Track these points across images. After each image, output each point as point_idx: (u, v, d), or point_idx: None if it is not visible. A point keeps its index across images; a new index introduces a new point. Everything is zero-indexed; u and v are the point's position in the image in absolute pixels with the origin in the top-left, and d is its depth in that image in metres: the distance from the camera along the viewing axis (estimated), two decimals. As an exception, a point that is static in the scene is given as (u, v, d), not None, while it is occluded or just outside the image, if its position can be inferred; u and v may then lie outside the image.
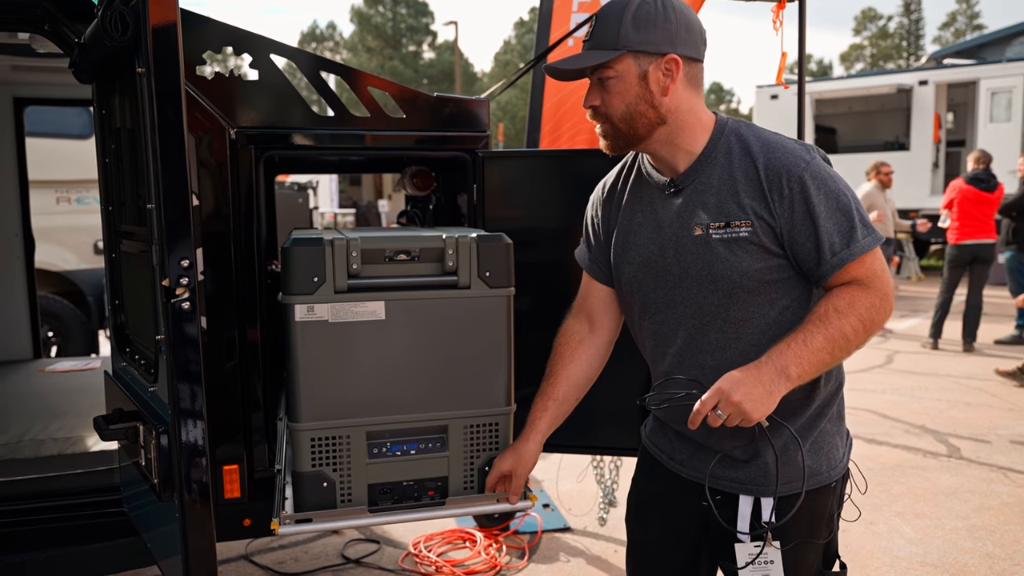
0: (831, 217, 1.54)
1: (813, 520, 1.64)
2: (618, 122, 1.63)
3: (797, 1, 2.67)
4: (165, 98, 1.60)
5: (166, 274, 1.62)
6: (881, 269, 1.57)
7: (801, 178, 1.53)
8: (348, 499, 1.85)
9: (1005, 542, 3.77)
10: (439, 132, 2.58)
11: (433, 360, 1.88)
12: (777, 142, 1.59)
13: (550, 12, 3.68)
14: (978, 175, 8.19)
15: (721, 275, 1.58)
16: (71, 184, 6.21)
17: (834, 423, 1.70)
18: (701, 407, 1.51)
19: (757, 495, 1.64)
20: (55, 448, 2.67)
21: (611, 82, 1.60)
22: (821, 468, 1.65)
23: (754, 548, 1.62)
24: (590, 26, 1.64)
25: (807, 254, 1.56)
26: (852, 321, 1.52)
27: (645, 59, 1.59)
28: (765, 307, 1.60)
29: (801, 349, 1.50)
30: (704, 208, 1.60)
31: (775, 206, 1.54)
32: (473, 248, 1.87)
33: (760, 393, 1.47)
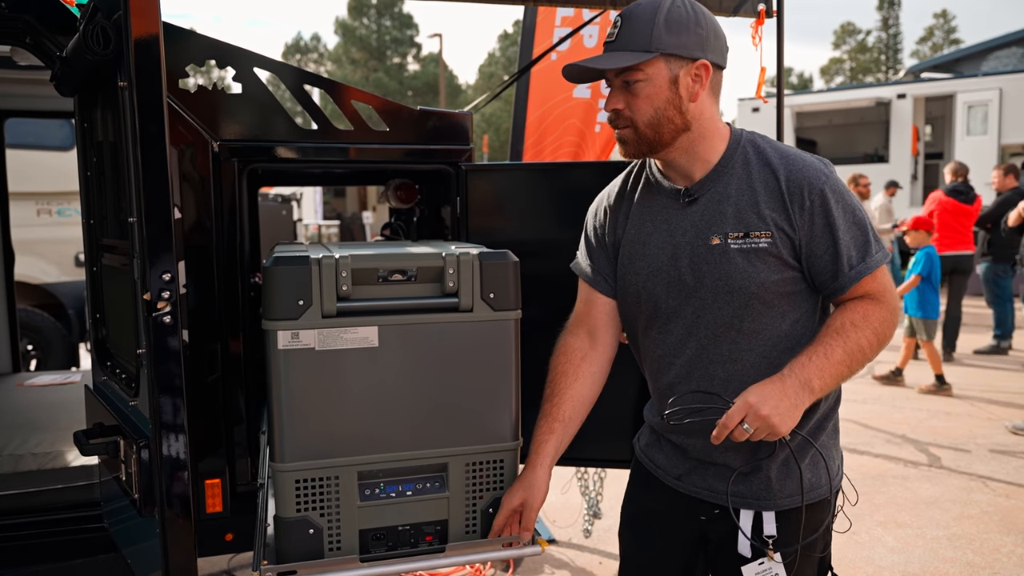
0: (849, 231, 1.56)
1: (811, 532, 1.64)
2: (644, 127, 1.59)
3: (775, 17, 2.71)
4: (147, 112, 1.59)
5: (148, 288, 1.60)
6: (890, 284, 1.61)
7: (822, 191, 1.55)
8: (337, 547, 1.69)
9: (985, 551, 3.80)
10: (422, 145, 2.59)
11: (431, 391, 1.72)
12: (796, 154, 1.60)
13: (533, 26, 3.72)
14: (957, 187, 8.30)
15: (739, 286, 1.57)
16: (52, 196, 6.17)
17: (831, 437, 1.71)
18: (728, 421, 1.49)
19: (758, 509, 1.64)
20: (34, 463, 2.64)
21: (639, 85, 1.57)
22: (821, 481, 1.65)
23: (759, 566, 1.61)
24: (614, 26, 1.59)
25: (824, 267, 1.57)
26: (868, 335, 1.55)
27: (676, 63, 1.57)
28: (777, 319, 1.60)
29: (823, 362, 1.51)
30: (722, 217, 1.59)
31: (795, 218, 1.55)
32: (476, 267, 1.71)
33: (787, 407, 1.48)
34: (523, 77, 3.76)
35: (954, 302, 8.26)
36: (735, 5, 2.67)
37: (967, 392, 6.93)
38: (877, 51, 57.14)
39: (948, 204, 8.22)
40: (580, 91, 3.63)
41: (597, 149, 3.60)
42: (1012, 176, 8.60)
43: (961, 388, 7.09)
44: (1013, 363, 8.20)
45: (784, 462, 1.61)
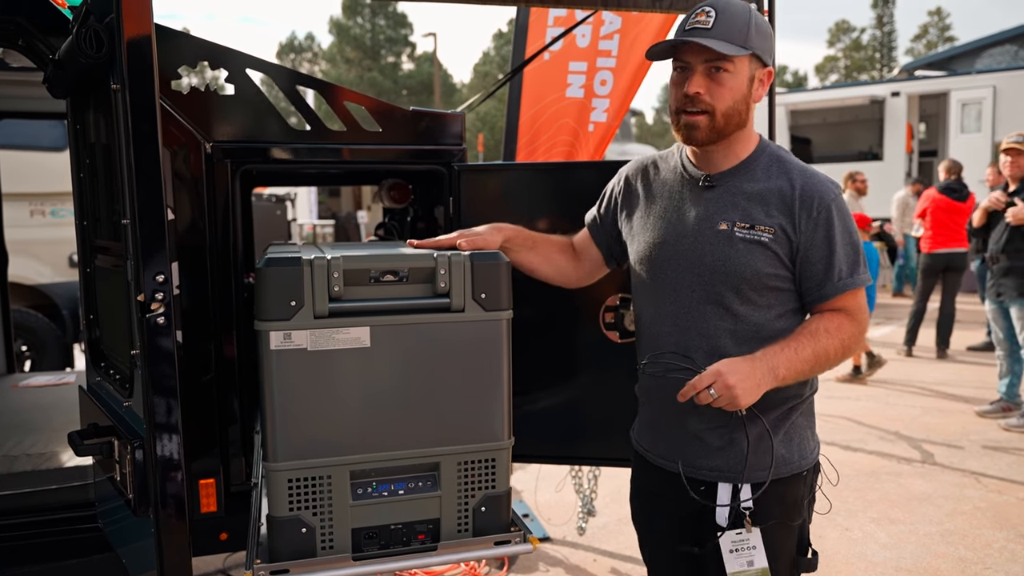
0: (844, 248, 1.72)
1: (787, 505, 1.77)
2: (720, 115, 1.70)
3: (767, 16, 2.72)
4: (140, 114, 1.59)
5: (141, 289, 1.61)
6: (864, 306, 1.77)
7: (829, 207, 1.72)
8: (330, 546, 1.70)
9: (977, 546, 3.83)
10: (415, 146, 2.60)
11: (423, 390, 1.74)
12: (812, 172, 1.77)
13: (526, 26, 3.73)
14: (950, 185, 8.33)
15: (735, 270, 1.72)
16: (46, 197, 6.16)
17: (806, 418, 1.84)
18: (698, 383, 1.63)
19: (735, 481, 1.75)
20: (29, 464, 2.65)
21: (726, 75, 1.69)
22: (793, 457, 1.79)
23: (736, 535, 1.72)
24: (705, 15, 1.68)
25: (815, 273, 1.73)
26: (836, 343, 1.70)
27: (756, 65, 1.73)
28: (763, 309, 1.75)
29: (792, 356, 1.67)
30: (734, 208, 1.74)
31: (800, 223, 1.71)
32: (467, 268, 1.73)
33: (751, 384, 1.62)
34: (516, 77, 3.77)
35: (948, 299, 8.29)
36: (726, 5, 2.68)
37: (960, 388, 6.96)
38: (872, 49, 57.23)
39: (941, 202, 8.25)
40: (574, 91, 3.65)
41: (591, 148, 3.61)
42: (1005, 174, 8.63)
43: (955, 384, 7.13)
44: (1006, 360, 8.22)
45: (758, 437, 1.72)
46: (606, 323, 2.54)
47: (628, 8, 2.62)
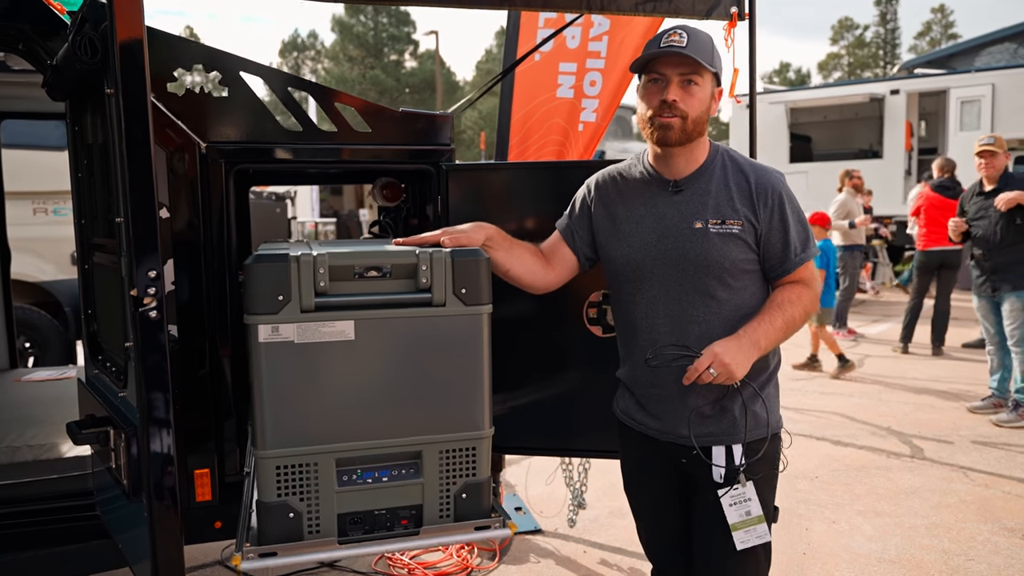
0: (795, 227, 2.00)
1: (769, 460, 2.05)
2: (690, 121, 1.94)
3: (748, 20, 2.79)
4: (133, 117, 1.67)
5: (134, 284, 1.69)
6: (816, 274, 2.07)
7: (780, 194, 1.99)
8: (316, 530, 1.78)
9: (961, 538, 3.89)
10: (404, 146, 2.67)
11: (406, 382, 1.81)
12: (761, 166, 2.05)
13: (517, 28, 3.79)
14: (943, 183, 8.37)
15: (715, 261, 1.95)
16: (48, 195, 6.23)
17: (775, 389, 2.12)
18: (699, 365, 1.87)
19: (728, 444, 1.99)
20: (30, 455, 2.73)
21: (696, 88, 1.95)
22: (770, 421, 2.04)
23: (734, 490, 1.96)
24: (678, 35, 1.93)
25: (775, 252, 1.99)
26: (799, 310, 1.98)
27: (715, 83, 2.01)
28: (740, 291, 2.00)
29: (768, 327, 1.93)
30: (704, 207, 1.97)
31: (760, 212, 1.97)
32: (448, 263, 1.81)
33: (742, 358, 1.88)
34: (508, 77, 3.83)
35: (943, 296, 8.34)
36: (708, 8, 2.75)
37: (954, 385, 7.02)
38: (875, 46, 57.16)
39: (934, 199, 8.29)
40: (564, 91, 3.71)
41: (580, 147, 3.68)
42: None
43: (948, 381, 7.19)
44: (1001, 356, 8.28)
45: (742, 404, 1.97)
46: (589, 318, 2.62)
47: (612, 11, 2.69)
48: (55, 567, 2.43)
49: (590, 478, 3.88)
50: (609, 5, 2.66)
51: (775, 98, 15.86)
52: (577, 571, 3.59)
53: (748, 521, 1.96)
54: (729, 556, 1.98)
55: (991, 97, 13.56)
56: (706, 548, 2.04)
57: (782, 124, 15.37)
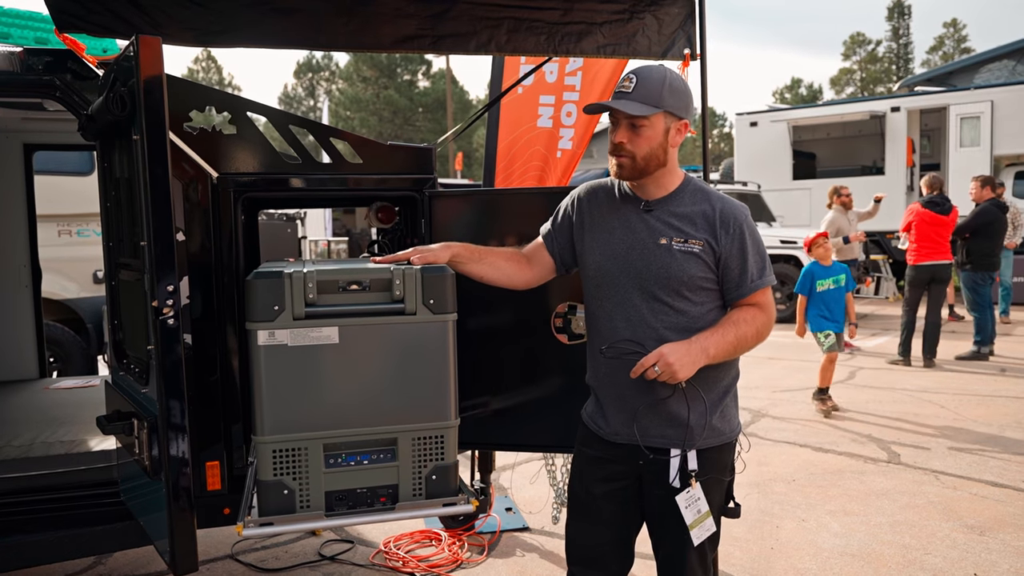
0: (754, 256, 2.16)
1: (721, 466, 2.23)
2: (639, 159, 2.12)
3: (699, 60, 3.12)
4: (155, 158, 2.02)
5: (155, 297, 2.03)
6: (772, 302, 2.24)
7: (742, 225, 2.16)
8: (307, 505, 2.06)
9: (922, 535, 4.13)
10: (392, 175, 3.01)
11: (383, 379, 2.10)
12: (728, 198, 2.21)
13: (502, 64, 4.14)
14: (934, 199, 8.63)
15: (674, 275, 2.13)
16: (72, 218, 6.55)
17: (733, 401, 2.28)
18: (645, 361, 2.05)
19: (684, 449, 2.15)
20: (62, 449, 3.08)
21: (643, 129, 2.10)
22: (725, 430, 2.22)
23: (687, 493, 2.13)
24: (629, 81, 2.11)
25: (733, 277, 2.16)
26: (752, 330, 2.16)
27: (671, 119, 2.13)
28: (697, 305, 2.17)
29: (720, 339, 2.10)
30: (670, 227, 2.16)
31: (722, 238, 2.13)
32: (418, 279, 2.12)
33: (688, 361, 2.04)
34: (495, 108, 4.18)
35: (933, 310, 8.58)
36: (663, 50, 3.08)
37: (940, 396, 7.24)
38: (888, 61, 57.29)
39: (925, 215, 8.55)
40: (543, 121, 4.05)
41: (559, 173, 4.01)
42: (988, 188, 8.94)
43: (935, 391, 7.41)
44: (991, 368, 8.50)
45: (700, 415, 2.13)
46: (556, 327, 2.93)
47: (576, 55, 3.02)
48: (85, 546, 2.78)
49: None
50: (573, 49, 3.00)
51: (778, 116, 16.18)
52: (559, 564, 3.87)
53: (700, 518, 2.16)
54: (686, 547, 2.18)
55: (990, 113, 13.81)
56: (663, 539, 2.23)
57: (785, 142, 15.67)
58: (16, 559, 2.70)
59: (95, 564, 3.82)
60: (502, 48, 2.92)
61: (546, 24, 2.91)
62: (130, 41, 2.09)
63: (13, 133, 4.74)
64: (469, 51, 2.87)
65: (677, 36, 3.05)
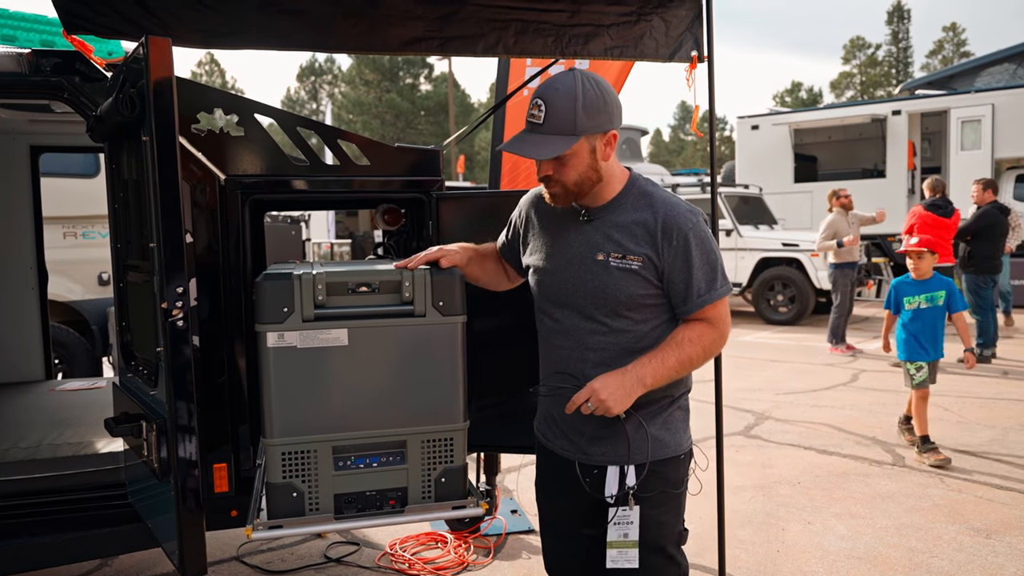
0: (702, 268, 1.98)
1: (668, 481, 2.07)
2: (571, 186, 1.98)
3: (706, 62, 3.12)
4: (164, 160, 2.02)
5: (164, 298, 2.03)
6: (725, 314, 2.05)
7: (686, 235, 1.97)
8: (316, 507, 2.05)
9: (928, 538, 4.13)
10: (399, 177, 3.02)
11: (393, 381, 2.09)
12: (675, 203, 2.01)
13: (507, 66, 4.15)
14: (936, 202, 8.64)
15: (611, 294, 1.99)
16: (77, 220, 6.57)
17: (682, 412, 2.13)
18: (576, 399, 1.95)
19: (621, 464, 2.04)
20: (69, 451, 3.07)
21: (566, 158, 1.93)
22: (671, 442, 2.07)
23: (621, 511, 2.01)
24: (537, 109, 1.91)
25: (678, 292, 1.99)
26: (697, 350, 1.99)
27: (594, 138, 1.95)
28: (640, 323, 2.03)
29: (658, 365, 1.96)
30: (608, 240, 2.00)
31: (663, 251, 1.96)
32: (427, 281, 2.10)
33: (621, 395, 1.92)
34: (500, 111, 4.18)
35: (937, 312, 8.57)
36: (670, 52, 3.08)
37: (943, 398, 7.23)
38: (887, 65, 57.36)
39: (928, 218, 8.55)
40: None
41: (564, 175, 4.02)
42: (991, 190, 8.94)
43: (938, 394, 7.37)
44: (993, 371, 8.49)
45: (637, 427, 2.01)
46: (563, 329, 2.93)
47: (583, 57, 3.03)
48: (92, 548, 2.78)
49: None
50: (581, 52, 3.00)
51: (779, 119, 16.19)
52: (565, 566, 3.88)
53: (623, 543, 2.01)
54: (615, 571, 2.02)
55: (991, 117, 13.81)
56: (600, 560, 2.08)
57: (786, 145, 15.69)
58: (24, 561, 2.70)
59: (101, 566, 3.82)
60: (510, 50, 2.92)
61: (553, 26, 2.92)
62: (140, 42, 2.09)
63: (20, 135, 4.75)
64: (477, 53, 2.87)
65: (684, 38, 3.05)
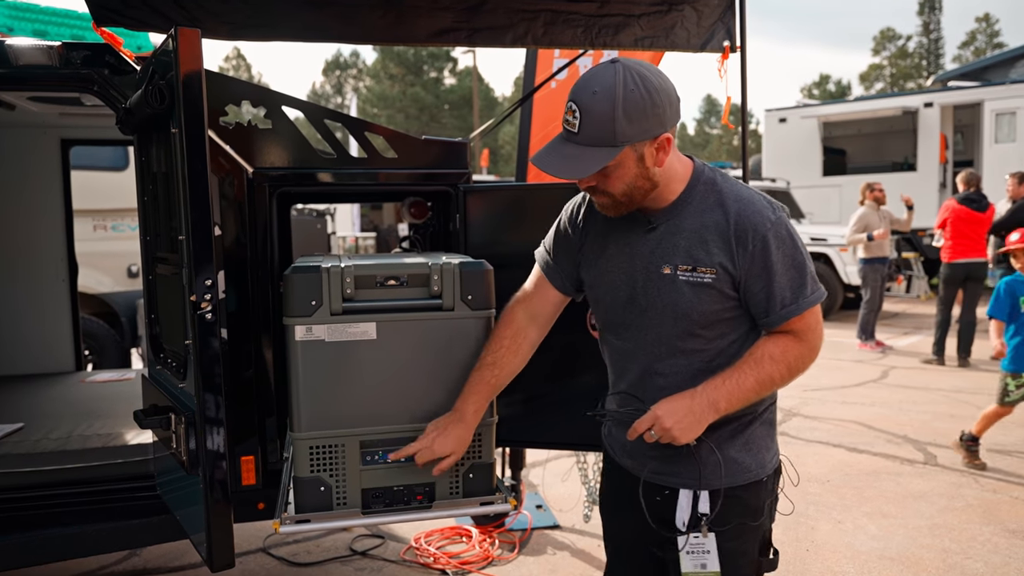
0: (786, 274, 1.71)
1: (749, 509, 1.83)
2: (619, 197, 1.73)
3: (739, 52, 3.06)
4: (193, 152, 2.01)
5: (193, 291, 2.02)
6: (816, 323, 1.77)
7: (765, 237, 1.69)
8: (343, 502, 2.02)
9: (962, 539, 4.05)
10: (426, 170, 2.99)
11: (420, 375, 2.05)
12: (748, 198, 1.73)
13: (535, 58, 4.11)
14: (970, 195, 8.48)
15: (683, 312, 1.74)
16: (107, 213, 6.63)
17: (766, 428, 1.89)
18: (638, 426, 1.74)
19: (694, 489, 1.81)
20: (99, 442, 3.10)
21: (610, 169, 1.67)
22: (752, 465, 1.83)
23: (693, 539, 1.80)
24: (573, 116, 1.64)
25: (758, 303, 1.73)
26: (781, 368, 1.73)
27: (641, 145, 1.67)
28: (717, 339, 1.78)
29: (734, 387, 1.71)
30: (675, 250, 1.75)
31: (738, 258, 1.70)
32: (456, 274, 2.07)
33: (690, 422, 1.69)
34: (527, 103, 4.15)
35: (968, 309, 8.43)
36: (702, 42, 3.03)
37: (976, 396, 7.10)
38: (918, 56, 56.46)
39: (961, 212, 8.40)
40: (577, 116, 4.01)
41: (592, 168, 3.97)
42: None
43: (971, 392, 7.27)
44: (1028, 368, 8.32)
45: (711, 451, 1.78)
46: (592, 324, 2.89)
47: (612, 47, 2.98)
48: (121, 539, 2.80)
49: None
50: (611, 42, 2.96)
51: (808, 112, 15.97)
52: (591, 563, 3.84)
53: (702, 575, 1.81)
54: None
55: (1027, 109, 13.53)
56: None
57: (815, 138, 15.47)
58: (54, 551, 2.73)
59: (129, 555, 3.86)
60: (538, 41, 2.89)
61: (583, 16, 2.87)
62: (169, 34, 2.09)
63: (51, 128, 4.80)
64: (505, 44, 2.84)
65: (716, 28, 2.99)
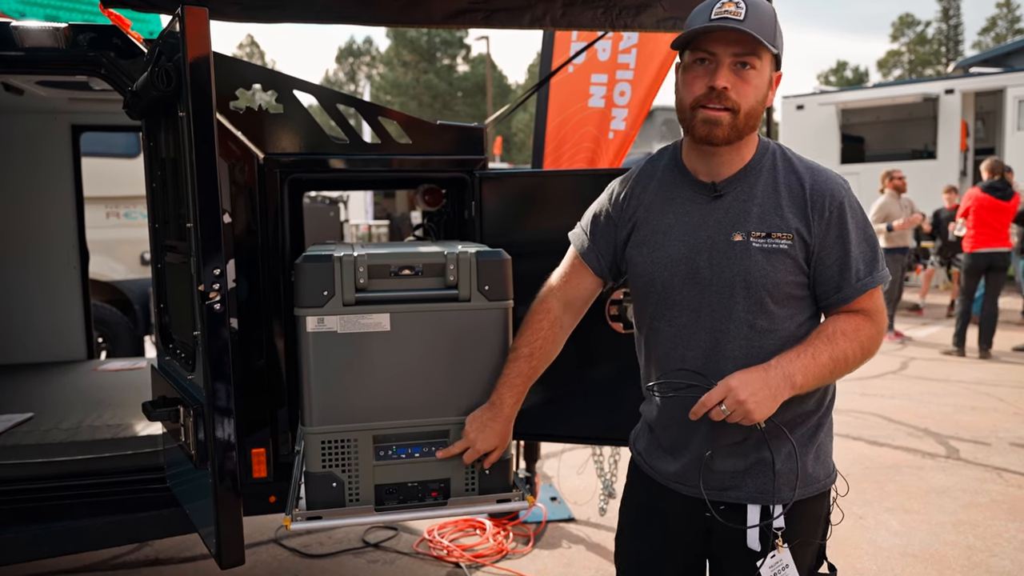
0: (860, 245, 1.63)
1: (813, 523, 1.73)
2: (742, 115, 1.59)
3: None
4: (201, 136, 1.94)
5: (202, 280, 1.96)
6: (883, 306, 1.69)
7: (841, 203, 1.62)
8: (356, 498, 1.97)
9: (987, 535, 3.96)
10: (441, 156, 2.91)
11: (436, 368, 1.98)
12: (820, 168, 1.68)
13: (552, 42, 4.01)
14: (994, 184, 8.31)
15: (756, 282, 1.61)
16: (119, 200, 6.61)
17: (828, 434, 1.78)
18: (708, 400, 1.56)
19: (765, 503, 1.68)
20: (108, 433, 3.05)
21: (752, 73, 1.58)
22: (820, 475, 1.73)
23: (772, 559, 1.65)
24: (735, 5, 1.55)
25: (830, 276, 1.63)
26: (854, 346, 1.62)
27: (774, 67, 1.63)
28: (787, 320, 1.66)
29: (810, 361, 1.58)
30: (747, 216, 1.63)
31: (814, 225, 1.61)
32: (473, 263, 1.99)
33: (765, 395, 1.54)
34: (544, 88, 4.06)
35: (990, 299, 8.29)
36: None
37: (997, 388, 6.98)
38: (937, 43, 55.71)
39: (984, 200, 8.24)
40: (595, 101, 3.92)
41: (611, 155, 3.88)
42: (1053, 173, 8.58)
43: (992, 383, 7.15)
44: (1051, 360, 8.19)
45: (788, 456, 1.66)
46: (611, 316, 2.82)
47: (634, 29, 2.88)
48: (131, 532, 2.75)
49: (620, 469, 4.07)
50: (632, 23, 2.86)
51: (826, 99, 15.73)
52: (607, 557, 3.78)
53: None
54: None
55: (1050, 96, 13.28)
56: None
57: (833, 125, 15.25)
58: (62, 545, 2.69)
59: (140, 546, 3.82)
60: (557, 22, 2.79)
61: (604, -3, 2.78)
62: (175, 14, 2.01)
63: (61, 114, 4.75)
64: (523, 25, 2.75)
65: (742, 9, 2.88)
